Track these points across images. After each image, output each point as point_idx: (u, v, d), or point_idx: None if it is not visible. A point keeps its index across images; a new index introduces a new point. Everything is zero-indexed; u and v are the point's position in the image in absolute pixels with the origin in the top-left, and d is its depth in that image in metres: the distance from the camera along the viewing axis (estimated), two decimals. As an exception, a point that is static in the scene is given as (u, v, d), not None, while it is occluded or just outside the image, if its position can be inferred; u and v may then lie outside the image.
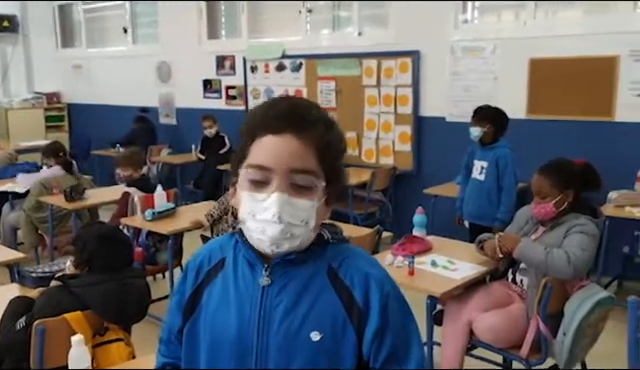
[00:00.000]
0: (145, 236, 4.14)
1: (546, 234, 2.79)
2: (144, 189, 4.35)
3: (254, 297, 1.12)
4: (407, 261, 2.86)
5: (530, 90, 4.85)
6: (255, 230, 1.08)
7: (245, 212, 1.09)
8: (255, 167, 1.07)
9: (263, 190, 1.07)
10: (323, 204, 1.11)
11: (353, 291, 1.11)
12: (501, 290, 2.88)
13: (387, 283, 1.14)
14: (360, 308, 1.11)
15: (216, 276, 1.18)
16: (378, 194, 5.54)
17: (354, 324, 1.10)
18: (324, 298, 1.11)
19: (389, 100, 5.65)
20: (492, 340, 2.72)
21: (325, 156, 1.09)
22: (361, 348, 1.11)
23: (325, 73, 6.09)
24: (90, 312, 2.23)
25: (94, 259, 2.34)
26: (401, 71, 5.54)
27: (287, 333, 1.09)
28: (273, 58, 6.49)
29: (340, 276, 1.13)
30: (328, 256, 1.15)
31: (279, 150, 1.06)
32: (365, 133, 5.87)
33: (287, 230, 1.06)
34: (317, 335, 1.09)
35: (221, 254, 1.20)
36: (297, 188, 1.07)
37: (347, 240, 1.21)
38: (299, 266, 1.12)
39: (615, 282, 4.50)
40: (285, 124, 1.07)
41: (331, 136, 1.11)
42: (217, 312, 1.15)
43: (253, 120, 1.11)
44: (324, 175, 1.09)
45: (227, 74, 7.03)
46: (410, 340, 1.14)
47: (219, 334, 1.14)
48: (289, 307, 1.10)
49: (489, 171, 4.13)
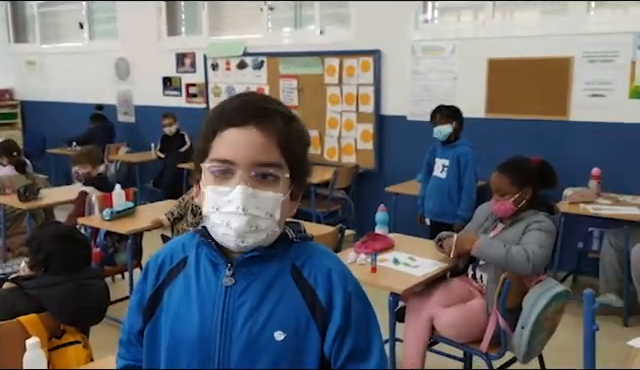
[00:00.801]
0: (103, 236, 4.04)
1: (505, 231, 2.84)
2: (102, 188, 4.25)
3: (217, 297, 1.10)
4: (369, 259, 2.88)
5: (488, 90, 4.94)
6: (220, 224, 1.06)
7: (209, 206, 1.07)
8: (218, 161, 1.07)
9: (227, 184, 1.06)
10: (288, 198, 1.11)
11: (317, 290, 1.11)
12: (461, 286, 2.92)
13: (350, 282, 1.14)
14: (323, 307, 1.10)
15: (178, 276, 1.16)
16: (340, 192, 5.56)
17: (318, 323, 1.10)
18: (288, 297, 1.10)
19: (351, 99, 5.67)
20: (453, 335, 2.76)
21: (288, 149, 1.08)
22: (323, 347, 1.11)
23: (287, 71, 6.07)
24: (46, 314, 2.17)
25: (50, 260, 2.28)
26: (363, 70, 5.57)
27: (250, 333, 1.08)
28: (234, 56, 6.43)
29: (304, 275, 1.12)
30: (292, 255, 1.14)
31: (242, 143, 1.05)
32: (327, 131, 5.88)
33: (252, 222, 1.05)
34: (281, 335, 1.08)
35: (183, 253, 1.18)
36: (261, 180, 1.06)
37: (311, 238, 1.21)
38: (263, 265, 1.11)
39: (570, 277, 4.63)
40: (247, 117, 1.06)
41: (293, 129, 1.11)
42: (179, 313, 1.13)
43: (214, 116, 1.10)
44: (288, 168, 1.09)
45: (187, 71, 6.94)
46: (371, 338, 1.14)
47: (180, 335, 1.12)
48: (253, 307, 1.09)
49: (450, 169, 4.19)
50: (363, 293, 1.16)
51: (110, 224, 3.86)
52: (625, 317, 3.93)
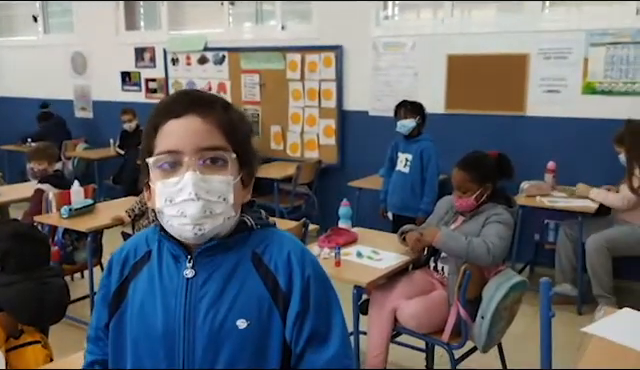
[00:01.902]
0: (61, 234, 3.96)
1: (465, 223, 2.90)
2: (59, 185, 4.16)
3: (179, 290, 1.11)
4: (333, 253, 2.90)
5: (448, 85, 5.02)
6: (174, 215, 1.07)
7: (162, 201, 1.07)
8: (164, 153, 1.07)
9: (176, 174, 1.07)
10: (239, 183, 1.12)
11: (277, 276, 1.12)
12: (423, 278, 2.97)
13: (308, 265, 1.15)
14: (284, 292, 1.11)
15: (142, 269, 1.17)
16: (304, 187, 5.57)
17: (280, 309, 1.11)
18: (249, 285, 1.11)
19: (313, 94, 5.68)
20: (415, 326, 2.81)
21: (231, 135, 1.10)
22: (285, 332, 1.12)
23: (249, 66, 6.04)
24: (3, 314, 2.11)
25: (7, 259, 2.22)
26: (325, 65, 5.58)
27: (213, 324, 1.09)
28: (195, 50, 6.36)
29: (264, 262, 1.13)
30: (252, 242, 1.15)
31: (184, 131, 1.07)
32: (290, 127, 5.88)
33: (206, 207, 1.06)
34: (244, 323, 1.09)
35: (147, 247, 1.19)
36: (209, 166, 1.07)
37: (272, 224, 1.21)
38: (223, 255, 1.12)
39: (527, 268, 4.76)
40: (185, 106, 1.08)
41: (233, 115, 1.13)
42: (143, 306, 1.13)
43: (154, 112, 1.12)
44: (235, 155, 1.10)
45: (147, 66, 6.83)
46: (331, 322, 1.14)
47: (145, 328, 1.12)
48: (214, 298, 1.10)
49: (413, 164, 4.25)
50: (323, 276, 1.17)
51: (68, 222, 3.78)
52: (579, 306, 4.07)
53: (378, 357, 2.86)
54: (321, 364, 1.11)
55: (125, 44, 6.92)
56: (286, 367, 1.13)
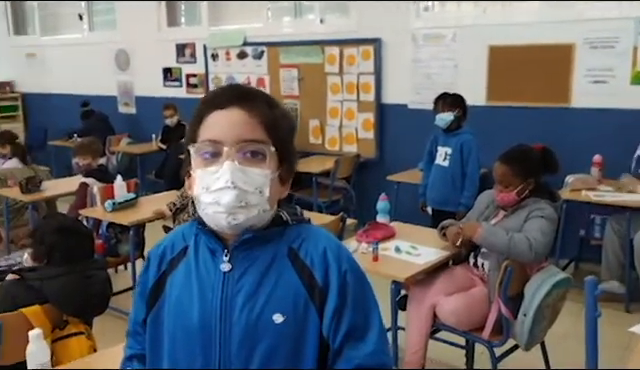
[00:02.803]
0: (106, 227, 4.05)
1: (507, 218, 2.84)
2: (103, 179, 4.25)
3: (215, 284, 1.12)
4: (371, 247, 2.88)
5: (489, 77, 4.92)
6: (210, 202, 1.08)
7: (199, 188, 1.10)
8: (205, 142, 1.10)
9: (215, 163, 1.08)
10: (277, 179, 1.13)
11: (313, 271, 1.12)
12: (463, 274, 2.92)
13: (345, 260, 1.14)
14: (321, 288, 1.11)
15: (178, 264, 1.18)
16: (342, 182, 5.55)
17: (316, 304, 1.11)
18: (285, 280, 1.11)
19: (352, 88, 5.65)
20: (455, 323, 2.77)
21: (273, 131, 1.11)
22: (322, 328, 1.11)
23: (287, 61, 6.05)
24: (49, 306, 2.18)
25: (53, 252, 2.29)
26: (364, 58, 5.54)
27: (249, 318, 1.09)
28: (234, 46, 6.41)
29: (300, 257, 1.13)
30: (288, 238, 1.15)
31: (226, 122, 1.09)
32: (328, 121, 5.87)
33: (241, 197, 1.07)
34: (280, 317, 1.09)
35: (184, 242, 1.20)
36: (248, 158, 1.09)
37: (307, 220, 1.22)
38: (259, 249, 1.12)
39: (572, 264, 4.63)
40: (230, 98, 1.10)
41: (277, 112, 1.14)
42: (180, 301, 1.15)
43: (200, 104, 1.14)
44: (275, 151, 1.11)
45: (188, 62, 6.92)
46: (369, 317, 1.14)
47: (182, 322, 1.13)
48: (251, 292, 1.10)
49: (453, 157, 4.18)
50: (360, 271, 1.17)
51: (112, 215, 3.87)
52: (627, 304, 3.94)
53: (417, 354, 2.82)
54: (359, 360, 1.11)
55: (166, 40, 7.03)
56: (323, 362, 1.13)
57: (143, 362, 1.24)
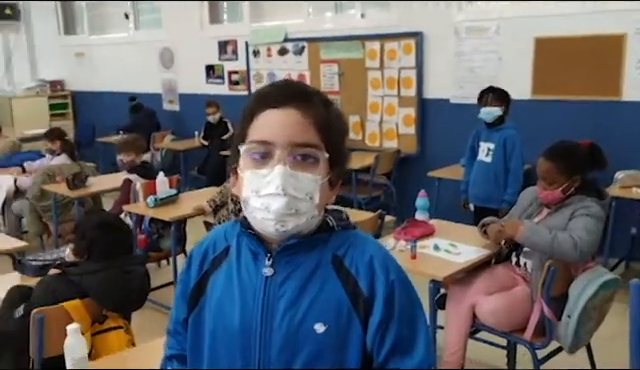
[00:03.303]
0: (148, 223, 4.13)
1: (550, 216, 2.74)
2: (146, 176, 4.33)
3: (257, 288, 1.09)
4: (409, 245, 2.84)
5: (535, 70, 4.77)
6: (259, 207, 1.04)
7: (248, 190, 1.05)
8: (257, 142, 1.05)
9: (266, 166, 1.04)
10: (327, 183, 1.09)
11: (358, 280, 1.08)
12: (505, 273, 2.84)
13: (393, 271, 1.10)
14: (366, 298, 1.07)
15: (220, 265, 1.15)
16: (382, 178, 5.50)
17: (360, 315, 1.07)
18: (329, 288, 1.07)
19: (393, 82, 5.58)
20: (495, 323, 2.70)
21: (327, 133, 1.07)
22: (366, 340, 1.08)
23: (328, 56, 6.02)
24: (89, 300, 2.22)
25: (94, 247, 2.33)
26: (405, 53, 5.46)
27: (290, 325, 1.06)
28: (275, 42, 6.42)
29: (345, 265, 1.09)
30: (333, 244, 1.11)
31: (280, 123, 1.04)
32: (369, 116, 5.82)
33: (292, 204, 1.03)
34: (322, 327, 1.05)
35: (226, 242, 1.17)
36: (300, 162, 1.04)
37: (354, 226, 1.17)
38: (303, 255, 1.09)
39: (622, 263, 4.45)
40: (285, 98, 1.05)
41: (331, 114, 1.10)
42: (221, 302, 1.12)
43: (253, 99, 1.10)
44: (327, 153, 1.07)
45: (229, 59, 6.98)
46: (416, 331, 1.09)
47: (222, 325, 1.11)
48: (292, 298, 1.07)
49: (496, 153, 4.08)
50: (408, 282, 1.12)
51: (154, 211, 3.94)
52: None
53: (455, 354, 2.77)
54: None
55: (209, 38, 7.10)
56: None
57: (183, 362, 1.22)
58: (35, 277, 2.53)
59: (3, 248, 3.19)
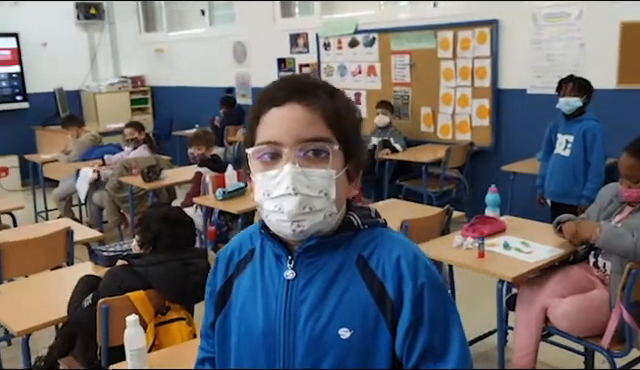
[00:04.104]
0: (217, 215, 4.20)
1: (633, 216, 2.55)
2: (216, 169, 4.41)
3: (279, 292, 1.05)
4: (477, 243, 2.72)
5: (621, 57, 4.45)
6: (272, 210, 1.01)
7: (260, 193, 1.02)
8: (263, 144, 1.02)
9: (275, 166, 1.01)
10: (344, 177, 1.04)
11: (385, 283, 1.02)
12: (581, 274, 2.67)
13: (422, 272, 1.03)
14: (393, 302, 1.01)
15: (245, 267, 1.12)
16: (454, 171, 5.33)
17: (387, 319, 1.01)
18: (353, 291, 1.02)
19: (466, 73, 5.39)
20: (568, 328, 2.54)
21: (336, 125, 1.02)
22: (395, 346, 1.02)
23: (399, 47, 5.90)
24: (153, 291, 2.27)
25: (158, 239, 2.38)
26: (479, 42, 5.26)
27: (313, 331, 1.02)
28: (346, 34, 6.37)
29: (371, 266, 1.03)
30: (358, 244, 1.05)
31: (284, 120, 1.00)
32: (441, 108, 5.65)
33: (305, 203, 0.99)
34: (346, 332, 1.00)
35: (251, 244, 1.14)
36: (311, 158, 1.00)
37: (382, 223, 1.11)
38: (325, 256, 1.04)
39: None
40: (286, 94, 1.01)
41: (338, 103, 1.04)
42: (245, 306, 1.09)
43: (257, 101, 1.06)
44: (340, 147, 1.02)
45: (301, 52, 6.99)
46: (449, 335, 1.02)
47: (247, 329, 1.08)
48: (315, 302, 1.03)
49: (575, 146, 3.85)
50: (439, 284, 1.05)
51: (222, 204, 4.00)
52: None
53: (526, 357, 2.63)
54: None
55: (281, 31, 7.14)
56: None
57: (215, 365, 1.21)
58: (106, 267, 2.62)
59: (80, 238, 3.33)
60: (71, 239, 3.22)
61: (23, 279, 3.14)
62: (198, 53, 8.32)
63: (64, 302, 2.35)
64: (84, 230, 3.62)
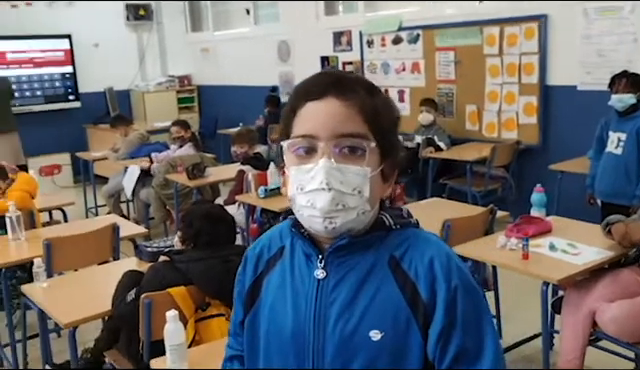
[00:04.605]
0: (259, 213, 4.23)
1: (688, 216, 2.44)
2: (258, 167, 4.45)
3: (309, 292, 1.04)
4: (521, 244, 2.65)
5: (678, 52, 4.27)
6: (305, 205, 0.99)
7: (293, 188, 1.01)
8: (298, 137, 1.01)
9: (310, 161, 0.99)
10: (379, 176, 1.02)
11: (417, 284, 1.00)
12: (631, 278, 2.57)
13: (455, 274, 1.00)
14: (425, 304, 0.99)
15: (275, 265, 1.11)
16: (500, 170, 5.22)
17: (419, 322, 0.99)
18: (384, 292, 1.00)
19: (513, 69, 5.27)
20: (617, 333, 2.44)
21: (374, 122, 1.00)
22: (427, 349, 1.00)
23: (444, 44, 5.81)
24: (193, 287, 2.31)
25: (199, 236, 2.41)
26: (526, 38, 5.13)
27: (343, 332, 1.00)
28: (390, 31, 6.31)
29: (403, 267, 1.01)
30: (390, 244, 1.03)
31: (321, 114, 0.99)
32: (486, 105, 5.54)
33: (338, 199, 0.97)
34: (377, 334, 0.99)
35: (280, 242, 1.13)
36: (345, 154, 0.99)
37: (414, 224, 1.09)
38: (357, 256, 1.03)
39: None
40: (324, 88, 1.00)
41: (377, 101, 1.02)
42: (274, 305, 1.09)
43: (293, 94, 1.05)
44: (377, 144, 1.00)
45: (344, 50, 6.97)
46: (482, 338, 1.00)
47: (276, 328, 1.08)
48: (346, 303, 1.01)
49: (628, 144, 3.72)
50: (473, 286, 1.02)
51: (264, 202, 4.03)
52: None
53: (571, 362, 2.55)
54: None
55: (324, 29, 7.14)
56: None
57: (243, 363, 1.20)
58: (149, 262, 2.67)
59: (126, 234, 3.41)
60: (117, 235, 3.31)
61: (72, 273, 3.24)
62: (243, 52, 8.41)
63: (109, 296, 2.42)
64: (130, 226, 3.71)
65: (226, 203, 4.28)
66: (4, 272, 3.15)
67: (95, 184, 6.47)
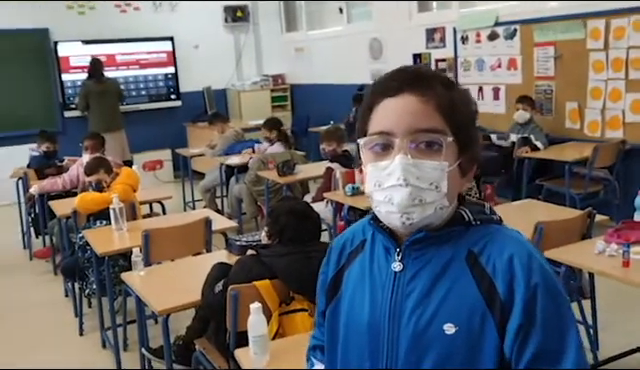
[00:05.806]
0: (347, 210, 4.25)
1: None
2: (346, 165, 4.47)
3: (386, 284, 1.05)
4: (621, 250, 2.48)
5: None
6: (382, 201, 1.01)
7: (371, 184, 1.03)
8: (375, 134, 1.02)
9: (386, 157, 1.00)
10: (456, 171, 1.01)
11: (495, 280, 0.98)
12: None
13: (536, 273, 0.97)
14: (503, 301, 0.97)
15: (356, 258, 1.14)
16: (602, 172, 4.91)
17: (496, 318, 0.97)
18: (461, 287, 0.99)
19: (619, 65, 4.94)
20: None
21: (451, 116, 1.00)
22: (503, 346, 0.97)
23: (543, 39, 5.55)
24: (277, 281, 2.36)
25: (284, 231, 2.46)
26: (635, 30, 4.79)
27: (418, 324, 1.01)
28: (485, 26, 6.12)
29: (481, 262, 1.00)
30: (469, 239, 1.02)
31: (398, 111, 1.00)
32: (589, 103, 5.23)
33: (415, 195, 0.98)
34: (452, 328, 0.98)
35: (363, 235, 1.15)
36: (423, 150, 0.99)
37: (497, 220, 1.06)
38: (434, 250, 1.02)
39: None
40: (401, 84, 1.00)
41: (454, 94, 1.02)
42: (353, 297, 1.11)
43: (369, 91, 1.06)
44: (454, 139, 0.99)
45: (437, 47, 6.84)
46: (564, 339, 0.96)
47: (354, 321, 1.10)
48: (421, 296, 1.01)
49: None
50: (554, 286, 0.99)
51: (352, 199, 4.05)
52: None
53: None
54: None
55: (417, 26, 7.04)
56: None
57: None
58: (238, 255, 2.76)
59: (218, 227, 3.55)
60: (209, 228, 3.44)
61: (168, 263, 3.41)
62: (335, 51, 8.47)
63: (201, 287, 2.52)
64: (222, 220, 3.85)
65: (314, 200, 4.35)
66: (107, 260, 3.37)
67: (193, 179, 6.78)
